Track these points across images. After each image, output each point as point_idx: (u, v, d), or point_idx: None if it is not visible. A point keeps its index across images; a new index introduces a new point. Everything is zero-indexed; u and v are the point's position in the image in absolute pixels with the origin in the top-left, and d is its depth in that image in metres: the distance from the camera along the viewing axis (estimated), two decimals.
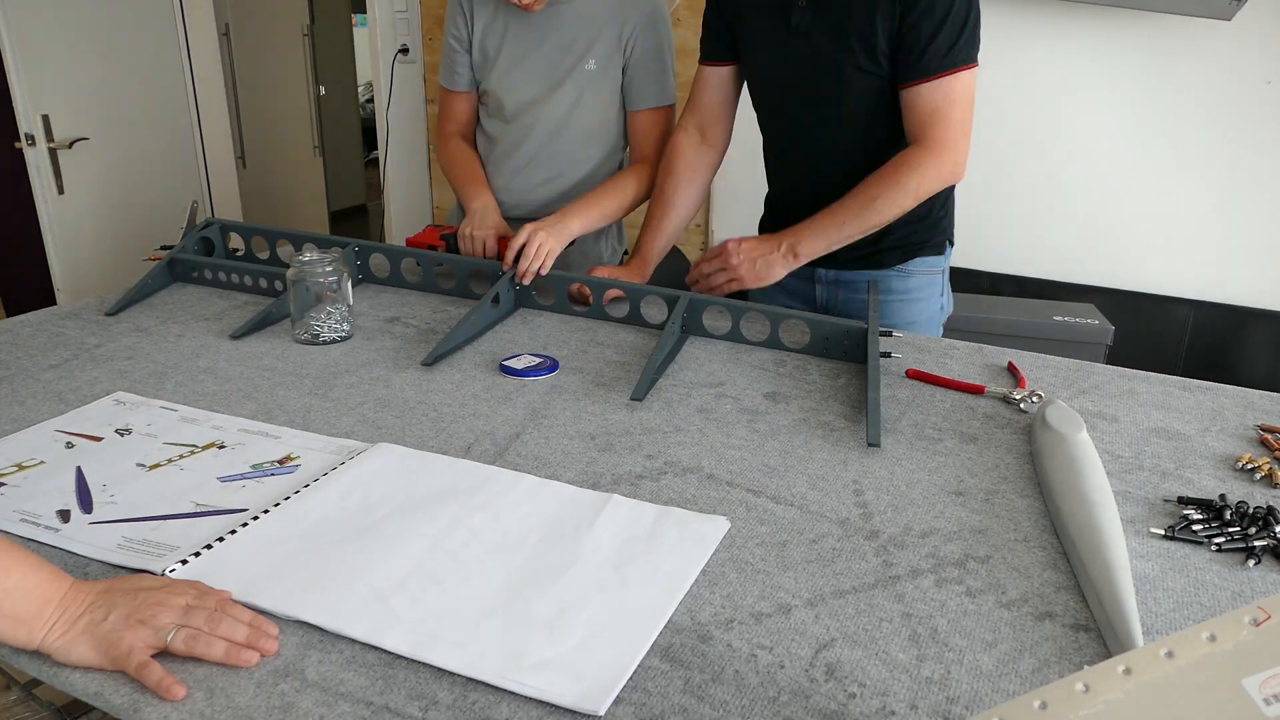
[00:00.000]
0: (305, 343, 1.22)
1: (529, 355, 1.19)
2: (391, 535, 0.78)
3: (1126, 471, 0.94)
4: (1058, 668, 0.66)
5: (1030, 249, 2.54)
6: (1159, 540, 0.81)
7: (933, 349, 1.27)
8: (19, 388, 1.07)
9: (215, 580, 0.70)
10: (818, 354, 1.22)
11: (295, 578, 0.72)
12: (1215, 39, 2.20)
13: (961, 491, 0.89)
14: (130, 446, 0.94)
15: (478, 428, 1.00)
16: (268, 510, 0.81)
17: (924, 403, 1.09)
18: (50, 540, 0.77)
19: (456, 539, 0.78)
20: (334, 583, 0.72)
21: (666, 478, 0.90)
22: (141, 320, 1.30)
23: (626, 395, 1.08)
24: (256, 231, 1.56)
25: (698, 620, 0.70)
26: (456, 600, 0.70)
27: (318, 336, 1.22)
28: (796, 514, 0.85)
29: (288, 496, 0.83)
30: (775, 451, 0.96)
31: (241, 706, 0.60)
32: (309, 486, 0.85)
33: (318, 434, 0.97)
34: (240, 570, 0.73)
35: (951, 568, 0.77)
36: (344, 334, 1.24)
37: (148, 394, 1.06)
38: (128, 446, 0.94)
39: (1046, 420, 0.97)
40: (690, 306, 1.27)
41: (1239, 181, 2.30)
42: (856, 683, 0.63)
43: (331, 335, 1.23)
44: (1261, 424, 1.05)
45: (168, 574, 0.71)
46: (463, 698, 0.61)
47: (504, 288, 1.33)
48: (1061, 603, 0.73)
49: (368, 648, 0.65)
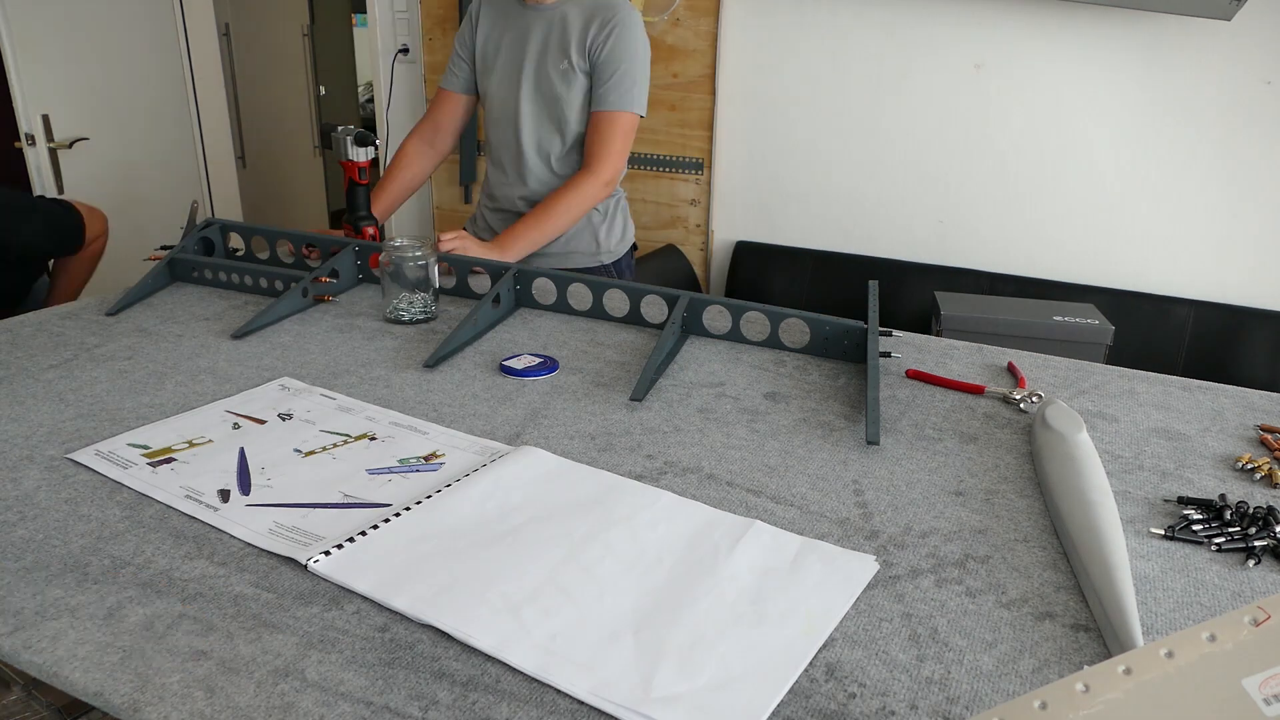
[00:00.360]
0: (391, 321, 1.31)
1: (529, 355, 1.19)
2: (527, 543, 0.77)
3: (1126, 471, 0.94)
4: (1058, 668, 0.66)
5: (1030, 249, 2.54)
6: (1159, 540, 0.81)
7: (933, 349, 1.27)
8: (19, 388, 1.07)
9: (353, 576, 0.72)
10: (817, 354, 1.22)
11: (431, 580, 0.72)
12: (1215, 39, 2.20)
13: (961, 491, 0.89)
14: (290, 431, 0.97)
15: (478, 428, 1.00)
16: (409, 508, 0.82)
17: (924, 403, 1.09)
18: (209, 519, 0.80)
19: (592, 553, 0.76)
20: (468, 589, 0.71)
21: (666, 478, 0.90)
22: (142, 320, 1.31)
23: (627, 395, 1.08)
24: (256, 231, 1.56)
25: None
26: (587, 618, 0.68)
27: (401, 318, 1.31)
28: (796, 514, 0.85)
29: (430, 495, 0.84)
30: (775, 451, 0.96)
31: (241, 706, 0.60)
32: (450, 486, 0.86)
33: (465, 433, 0.98)
34: (378, 568, 0.73)
35: (951, 568, 0.77)
36: (429, 314, 1.32)
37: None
38: (288, 431, 0.97)
39: (1046, 420, 0.97)
40: (690, 306, 1.27)
41: (1239, 182, 2.30)
42: (856, 683, 0.63)
43: (416, 316, 1.31)
44: (1261, 424, 1.05)
45: (310, 564, 0.73)
46: (463, 698, 0.61)
47: (504, 288, 1.34)
48: (1061, 603, 0.73)
49: (368, 647, 0.65)
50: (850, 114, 2.61)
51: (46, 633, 0.66)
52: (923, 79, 2.50)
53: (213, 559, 0.75)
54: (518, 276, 1.37)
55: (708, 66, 2.69)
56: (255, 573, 0.73)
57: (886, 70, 2.52)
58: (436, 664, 0.64)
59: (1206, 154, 2.31)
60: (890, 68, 2.51)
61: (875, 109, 2.56)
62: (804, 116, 2.69)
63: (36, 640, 0.65)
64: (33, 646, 0.65)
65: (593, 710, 0.60)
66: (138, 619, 0.68)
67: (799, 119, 2.69)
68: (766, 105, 2.70)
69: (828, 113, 2.64)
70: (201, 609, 0.69)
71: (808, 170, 2.72)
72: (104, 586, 0.71)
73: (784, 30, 2.61)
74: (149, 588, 0.71)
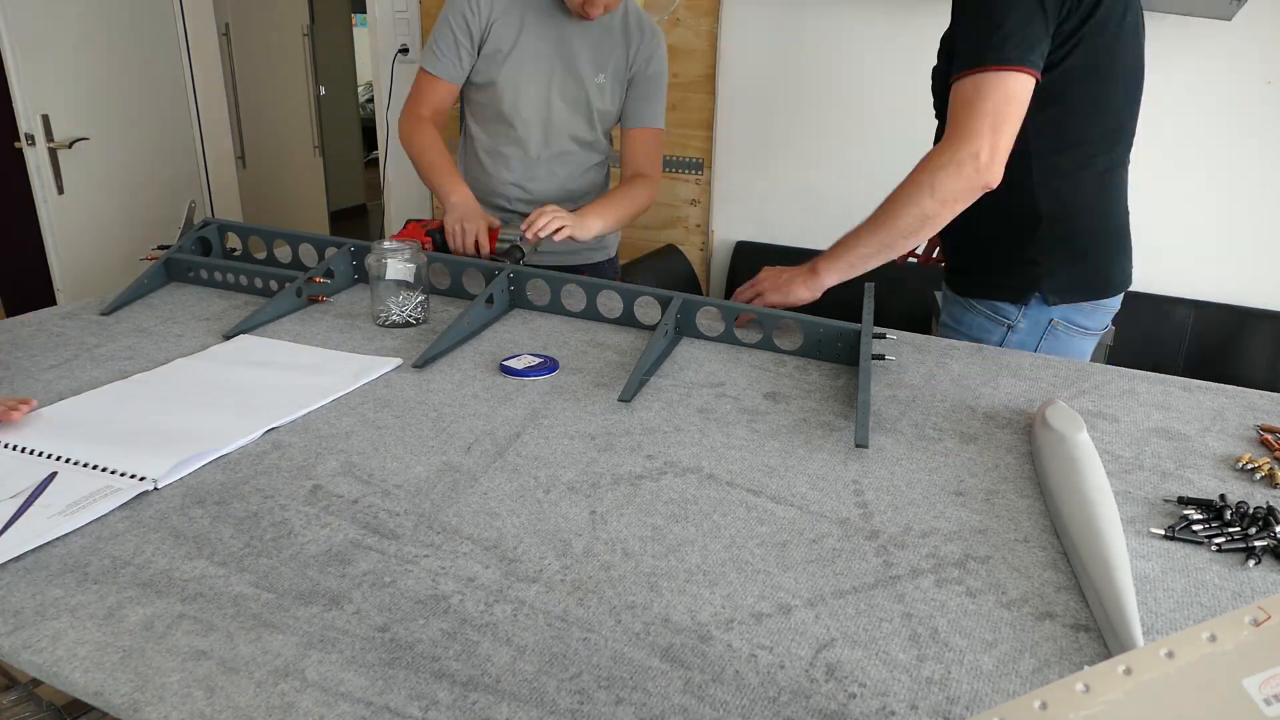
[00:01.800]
0: (382, 326, 1.30)
1: (529, 355, 1.19)
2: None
3: (1126, 471, 0.94)
4: (1058, 668, 0.66)
5: None
6: (1159, 540, 0.81)
7: (932, 349, 1.27)
8: (19, 388, 1.07)
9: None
10: (811, 356, 1.22)
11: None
12: (1215, 39, 2.20)
13: (961, 491, 0.89)
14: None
15: (478, 428, 1.00)
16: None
17: (924, 403, 1.09)
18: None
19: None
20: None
21: (666, 478, 0.90)
22: (141, 320, 1.30)
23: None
24: (253, 231, 1.56)
25: (698, 620, 0.70)
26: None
27: (388, 320, 1.30)
28: (796, 514, 0.85)
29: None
30: (775, 451, 0.96)
31: (241, 706, 0.60)
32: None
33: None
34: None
35: (951, 568, 0.77)
36: (417, 319, 1.31)
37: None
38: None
39: (1046, 420, 0.97)
40: (683, 307, 1.27)
41: (1239, 181, 2.30)
42: (856, 683, 0.63)
43: (403, 319, 1.30)
44: (1261, 424, 1.05)
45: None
46: (463, 698, 0.61)
47: (498, 288, 1.34)
48: (1061, 603, 0.73)
49: (368, 647, 0.65)
50: (850, 114, 2.61)
51: (46, 633, 0.66)
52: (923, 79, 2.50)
53: (213, 559, 0.75)
54: (511, 277, 1.37)
55: (708, 66, 2.69)
56: (255, 573, 0.73)
57: (887, 70, 2.52)
58: (436, 664, 0.64)
59: (1207, 154, 2.31)
60: (890, 67, 2.51)
61: (875, 109, 2.56)
62: (804, 116, 2.69)
63: (36, 640, 0.65)
64: (33, 646, 0.65)
65: (598, 709, 0.60)
66: (137, 619, 0.68)
67: (799, 119, 2.69)
68: (766, 105, 2.70)
69: (828, 113, 2.64)
70: (201, 609, 0.69)
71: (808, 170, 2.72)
72: (104, 586, 0.71)
73: (784, 30, 2.61)
74: (149, 588, 0.71)
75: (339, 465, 0.91)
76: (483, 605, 0.71)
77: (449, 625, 0.68)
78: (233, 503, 0.84)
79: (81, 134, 2.85)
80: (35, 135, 2.72)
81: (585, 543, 0.79)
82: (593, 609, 0.71)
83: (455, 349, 1.22)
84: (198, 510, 0.82)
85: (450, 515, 0.83)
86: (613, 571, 0.75)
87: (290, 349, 1.21)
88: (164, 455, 0.89)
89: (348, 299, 1.41)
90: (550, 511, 0.84)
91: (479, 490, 0.87)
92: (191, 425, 0.97)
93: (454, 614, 0.69)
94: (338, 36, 5.71)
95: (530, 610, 0.70)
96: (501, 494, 0.87)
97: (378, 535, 0.79)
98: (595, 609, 0.71)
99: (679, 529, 0.82)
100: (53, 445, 0.91)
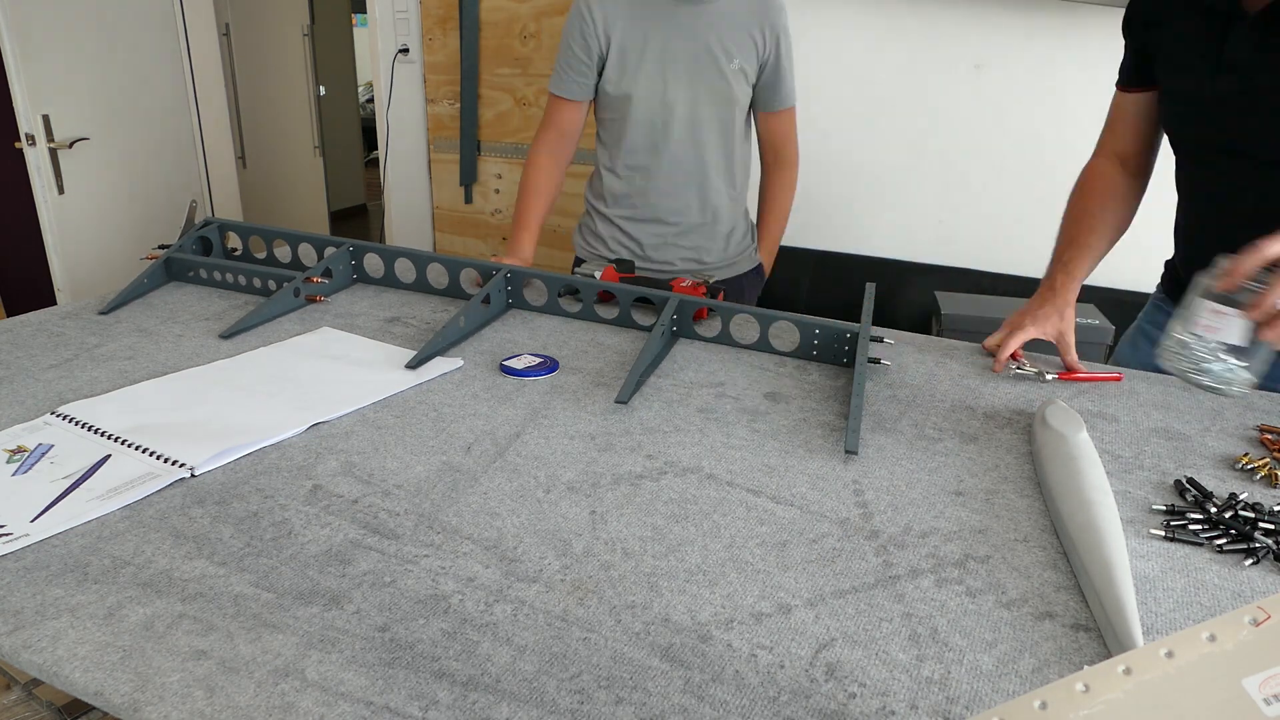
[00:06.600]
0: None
1: (529, 355, 1.19)
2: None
3: (1126, 471, 0.94)
4: (1058, 668, 0.66)
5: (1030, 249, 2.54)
6: (1159, 540, 0.81)
7: (932, 349, 1.27)
8: (19, 388, 1.07)
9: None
10: (806, 357, 1.22)
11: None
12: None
13: (961, 491, 0.89)
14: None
15: (478, 427, 1.00)
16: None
17: (924, 403, 1.09)
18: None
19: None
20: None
21: (666, 478, 0.90)
22: (141, 320, 1.30)
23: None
24: (254, 231, 1.56)
25: (698, 620, 0.70)
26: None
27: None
28: (796, 514, 0.85)
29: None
30: (775, 451, 0.96)
31: (241, 706, 0.60)
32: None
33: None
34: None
35: (951, 568, 0.77)
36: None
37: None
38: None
39: (1046, 420, 0.97)
40: (680, 308, 1.27)
41: None
42: (856, 683, 0.63)
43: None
44: (1261, 424, 1.05)
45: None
46: (463, 698, 0.61)
47: (495, 288, 1.33)
48: (1061, 603, 0.73)
49: (368, 647, 0.65)
50: (850, 114, 2.60)
51: (46, 632, 0.66)
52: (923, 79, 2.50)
53: (213, 559, 0.75)
54: (509, 277, 1.37)
55: None
56: (255, 573, 0.73)
57: (886, 70, 2.52)
58: (436, 664, 0.64)
59: None
60: (890, 67, 2.51)
61: (875, 109, 2.56)
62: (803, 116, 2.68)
63: (36, 640, 0.65)
64: (33, 646, 0.65)
65: (598, 709, 0.60)
66: (138, 619, 0.68)
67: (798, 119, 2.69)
68: None
69: (827, 112, 2.64)
70: (201, 609, 0.69)
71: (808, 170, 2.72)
72: (104, 586, 0.71)
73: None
74: (149, 588, 0.71)
75: (339, 465, 0.91)
76: (483, 605, 0.71)
77: (449, 625, 0.68)
78: (233, 502, 0.84)
79: (82, 134, 2.85)
80: (35, 135, 2.72)
81: (585, 542, 0.79)
82: (593, 609, 0.71)
83: (452, 348, 1.22)
84: (198, 510, 0.82)
85: (450, 515, 0.83)
86: (613, 571, 0.75)
87: (367, 344, 1.23)
88: (207, 444, 0.92)
89: (346, 299, 1.41)
90: (550, 511, 0.84)
91: (479, 490, 0.87)
92: (246, 416, 1.00)
93: (454, 614, 0.69)
94: (338, 36, 5.71)
95: (530, 610, 0.70)
96: (501, 494, 0.87)
97: (378, 535, 0.79)
98: (595, 609, 0.71)
99: (679, 529, 0.82)
100: (118, 424, 0.96)
